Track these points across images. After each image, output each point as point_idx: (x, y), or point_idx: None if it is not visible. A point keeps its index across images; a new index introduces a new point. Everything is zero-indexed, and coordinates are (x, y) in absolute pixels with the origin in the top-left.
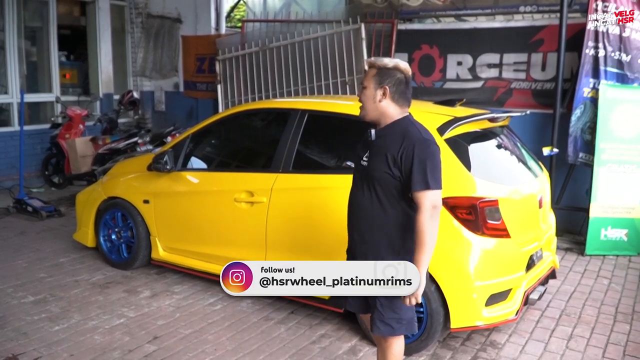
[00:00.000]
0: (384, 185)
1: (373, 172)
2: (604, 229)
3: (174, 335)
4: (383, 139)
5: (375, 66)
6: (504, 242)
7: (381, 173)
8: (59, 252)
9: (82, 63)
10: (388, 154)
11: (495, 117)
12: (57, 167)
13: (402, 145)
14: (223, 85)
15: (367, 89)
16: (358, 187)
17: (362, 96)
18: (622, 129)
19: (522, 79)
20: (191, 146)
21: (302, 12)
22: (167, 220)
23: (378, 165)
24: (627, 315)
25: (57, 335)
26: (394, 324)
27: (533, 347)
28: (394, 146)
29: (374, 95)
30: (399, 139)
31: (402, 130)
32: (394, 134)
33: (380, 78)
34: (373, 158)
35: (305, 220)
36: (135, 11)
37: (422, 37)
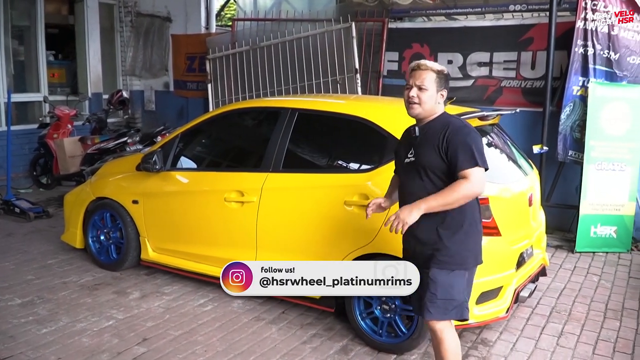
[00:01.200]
0: (435, 170)
1: (423, 161)
2: (594, 226)
3: (164, 336)
4: (427, 133)
5: (434, 70)
6: (494, 240)
7: (431, 159)
8: (47, 254)
9: (70, 62)
10: (435, 143)
11: (486, 115)
12: (45, 168)
13: (446, 133)
14: (213, 85)
15: (428, 90)
16: (409, 180)
17: (421, 96)
18: (611, 127)
19: (512, 77)
20: (181, 146)
21: (293, 10)
22: (156, 220)
23: (427, 154)
24: (617, 312)
25: (44, 338)
26: (447, 305)
27: (524, 345)
28: (439, 134)
29: (435, 97)
30: (441, 130)
31: (443, 123)
32: (436, 127)
33: (440, 82)
34: (420, 151)
35: (295, 220)
36: (125, 10)
37: (413, 35)
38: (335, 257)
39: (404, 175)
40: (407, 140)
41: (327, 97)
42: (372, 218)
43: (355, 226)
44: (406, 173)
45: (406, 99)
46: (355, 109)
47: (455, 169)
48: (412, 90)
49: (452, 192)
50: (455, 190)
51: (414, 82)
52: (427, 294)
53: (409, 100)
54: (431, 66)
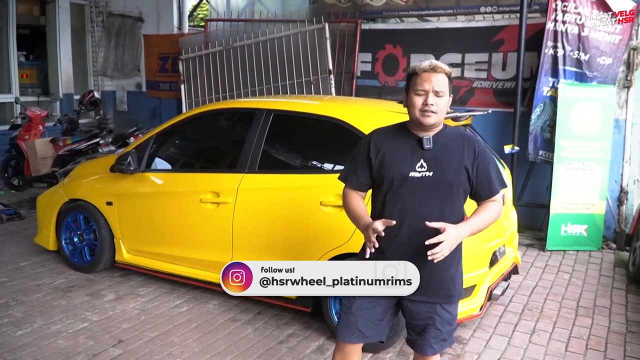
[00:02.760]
0: (457, 191)
1: (449, 177)
2: (564, 225)
3: (140, 338)
4: (446, 145)
5: (447, 73)
6: (468, 239)
7: (460, 180)
8: (20, 256)
9: (41, 63)
10: (462, 162)
11: (458, 116)
12: (16, 169)
13: (474, 152)
14: (186, 85)
15: (445, 96)
16: (423, 198)
17: (439, 103)
18: (581, 127)
19: (484, 78)
20: (155, 147)
21: (266, 11)
22: (131, 222)
23: (452, 169)
24: (589, 310)
25: (20, 340)
26: (447, 337)
27: (497, 342)
28: (464, 153)
29: (448, 103)
30: (460, 145)
31: (457, 135)
32: (452, 139)
33: (451, 86)
34: (440, 165)
35: (271, 221)
36: (96, 10)
37: (386, 36)
38: (311, 257)
39: (407, 190)
40: (405, 149)
41: (302, 98)
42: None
43: (331, 226)
44: (413, 189)
45: (419, 106)
46: (329, 110)
47: (489, 193)
48: (429, 97)
49: (490, 216)
50: (493, 215)
51: (430, 87)
52: (430, 331)
53: (425, 108)
54: (445, 68)
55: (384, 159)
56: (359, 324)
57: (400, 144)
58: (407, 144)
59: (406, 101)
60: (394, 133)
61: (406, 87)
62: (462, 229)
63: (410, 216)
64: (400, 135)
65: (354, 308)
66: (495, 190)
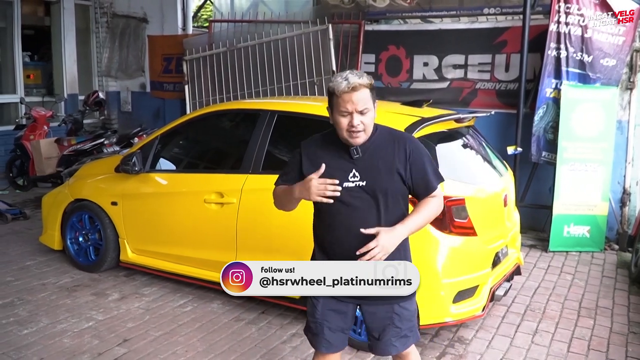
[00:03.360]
0: (394, 195)
1: (382, 185)
2: (567, 226)
3: (144, 337)
4: (376, 150)
5: (367, 85)
6: (470, 240)
7: (394, 185)
8: (25, 255)
9: (46, 63)
10: (394, 163)
11: (462, 117)
12: (21, 169)
13: (405, 151)
14: (190, 86)
15: (370, 111)
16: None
17: (365, 121)
18: (583, 128)
19: (487, 79)
20: (160, 147)
21: (270, 12)
22: (136, 222)
23: (384, 177)
24: (591, 310)
25: (26, 339)
26: (409, 333)
27: (499, 343)
28: (395, 156)
29: (374, 115)
30: (391, 146)
31: (386, 137)
32: (382, 142)
33: (374, 95)
34: (371, 173)
35: (275, 221)
36: (100, 11)
37: (389, 38)
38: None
39: (343, 201)
40: (337, 159)
41: (306, 100)
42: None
43: None
44: (350, 199)
45: (345, 127)
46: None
47: (426, 191)
48: (354, 118)
49: (429, 212)
50: (433, 211)
51: (353, 107)
52: (390, 330)
53: (352, 129)
54: (364, 82)
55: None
56: (325, 333)
57: (332, 155)
58: (338, 154)
59: (331, 119)
60: (323, 143)
61: (329, 105)
62: (399, 230)
63: (349, 225)
64: (330, 145)
65: (318, 315)
66: (433, 187)
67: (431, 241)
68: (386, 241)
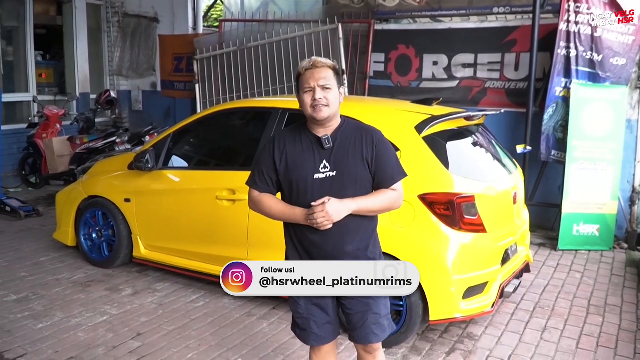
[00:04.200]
0: (363, 186)
1: (353, 174)
2: (576, 224)
3: (158, 331)
4: (344, 140)
5: (331, 67)
6: (480, 237)
7: (362, 174)
8: (39, 252)
9: (58, 62)
10: (362, 152)
11: (471, 115)
12: (34, 167)
13: (372, 142)
14: (201, 85)
15: (332, 89)
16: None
17: (327, 96)
18: (593, 127)
19: (496, 78)
20: (172, 145)
21: (280, 12)
22: (148, 218)
23: (354, 166)
24: (600, 308)
25: (41, 333)
26: (386, 321)
27: (509, 339)
28: (363, 145)
29: (338, 95)
30: (360, 137)
31: (354, 128)
32: (349, 133)
33: (339, 79)
34: (343, 163)
35: None
36: (112, 10)
37: (399, 37)
38: None
39: (314, 192)
40: (307, 151)
41: None
42: None
43: None
44: (321, 189)
45: (309, 102)
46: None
47: (387, 182)
48: (317, 92)
49: (384, 201)
50: (388, 201)
51: (315, 83)
52: (369, 317)
53: (315, 102)
54: (326, 62)
55: (288, 163)
56: (312, 328)
57: (302, 146)
58: (308, 145)
59: (299, 102)
60: (294, 135)
61: (295, 90)
62: (346, 203)
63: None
64: (301, 136)
65: (302, 311)
66: (394, 180)
67: (441, 237)
68: (332, 208)
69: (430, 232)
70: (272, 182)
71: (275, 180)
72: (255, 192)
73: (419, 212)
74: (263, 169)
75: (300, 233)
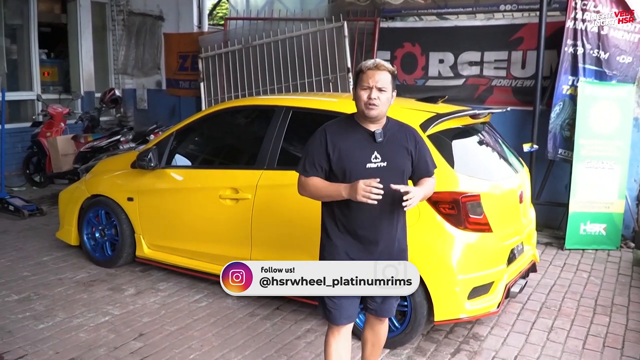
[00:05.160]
0: (405, 176)
1: (401, 165)
2: (583, 223)
3: (160, 332)
4: (392, 136)
5: (390, 71)
6: (485, 236)
7: (407, 166)
8: (42, 251)
9: (62, 61)
10: (407, 148)
11: (477, 113)
12: (38, 166)
13: (414, 138)
14: (206, 83)
15: (387, 92)
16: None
17: (381, 97)
18: (600, 126)
19: (503, 76)
20: (175, 143)
21: (285, 10)
22: (151, 217)
23: (402, 160)
24: (607, 308)
25: (42, 333)
26: (396, 301)
27: (514, 339)
28: (407, 140)
29: (390, 98)
30: (403, 133)
31: (399, 126)
32: (396, 130)
33: (394, 83)
34: (392, 155)
35: (290, 217)
36: (117, 8)
37: (404, 35)
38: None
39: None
40: (360, 142)
41: (321, 96)
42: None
43: None
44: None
45: (364, 100)
46: (348, 107)
47: (429, 172)
48: (373, 92)
49: (431, 186)
50: (432, 186)
51: (374, 83)
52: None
53: (370, 101)
54: (388, 67)
55: (342, 152)
56: (344, 306)
57: (354, 137)
58: (360, 137)
59: (354, 96)
60: (346, 127)
61: (354, 84)
62: (420, 189)
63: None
64: (352, 129)
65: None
66: (431, 170)
67: (446, 237)
68: (416, 193)
69: (435, 231)
70: (321, 169)
71: (325, 169)
72: (303, 178)
73: (423, 212)
74: (314, 157)
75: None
